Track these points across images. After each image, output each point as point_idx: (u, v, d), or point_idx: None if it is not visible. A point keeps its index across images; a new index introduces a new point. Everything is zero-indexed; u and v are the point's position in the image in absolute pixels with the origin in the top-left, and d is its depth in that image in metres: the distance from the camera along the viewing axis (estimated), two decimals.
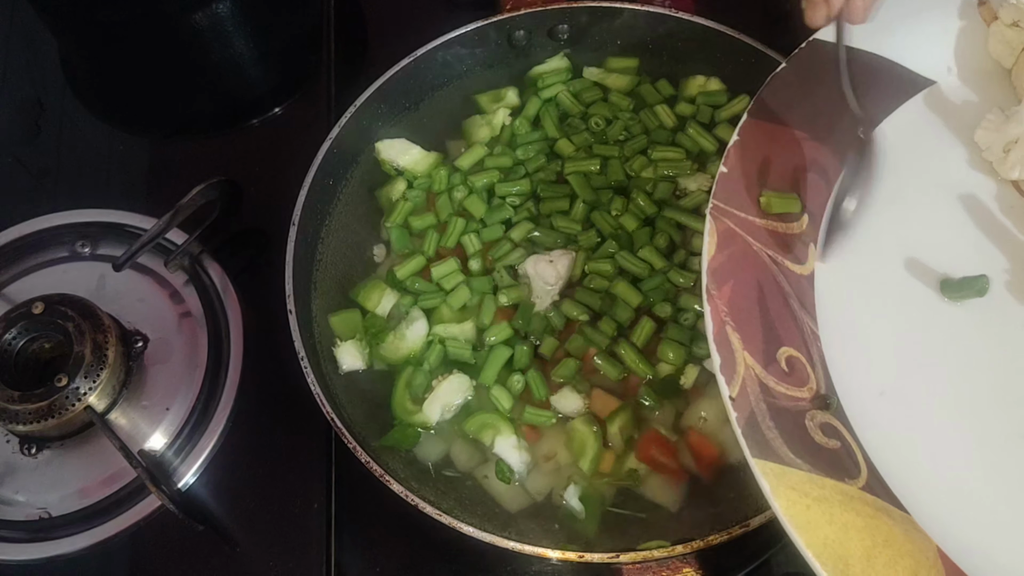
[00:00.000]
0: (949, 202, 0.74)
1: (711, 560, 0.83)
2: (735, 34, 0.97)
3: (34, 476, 0.86)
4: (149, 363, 0.91)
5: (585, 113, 1.01)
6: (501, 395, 0.83)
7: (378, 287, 0.90)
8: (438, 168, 0.98)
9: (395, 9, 1.21)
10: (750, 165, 0.70)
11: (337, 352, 0.87)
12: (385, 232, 0.96)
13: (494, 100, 1.03)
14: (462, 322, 0.88)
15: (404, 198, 0.96)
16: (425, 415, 0.84)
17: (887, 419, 0.63)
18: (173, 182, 1.01)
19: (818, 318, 0.67)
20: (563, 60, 1.05)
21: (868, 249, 0.71)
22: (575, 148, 0.98)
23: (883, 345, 0.67)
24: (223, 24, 1.15)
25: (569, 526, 0.79)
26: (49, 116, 1.14)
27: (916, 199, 0.74)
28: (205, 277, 0.96)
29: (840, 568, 0.53)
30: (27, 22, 1.22)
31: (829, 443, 0.59)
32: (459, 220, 0.93)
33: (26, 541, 0.82)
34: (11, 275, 0.97)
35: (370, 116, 0.98)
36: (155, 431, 0.87)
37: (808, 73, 0.75)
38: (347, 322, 0.89)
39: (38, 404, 0.82)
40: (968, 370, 0.66)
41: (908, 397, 0.64)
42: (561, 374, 0.84)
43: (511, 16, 1.01)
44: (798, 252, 0.69)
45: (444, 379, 0.85)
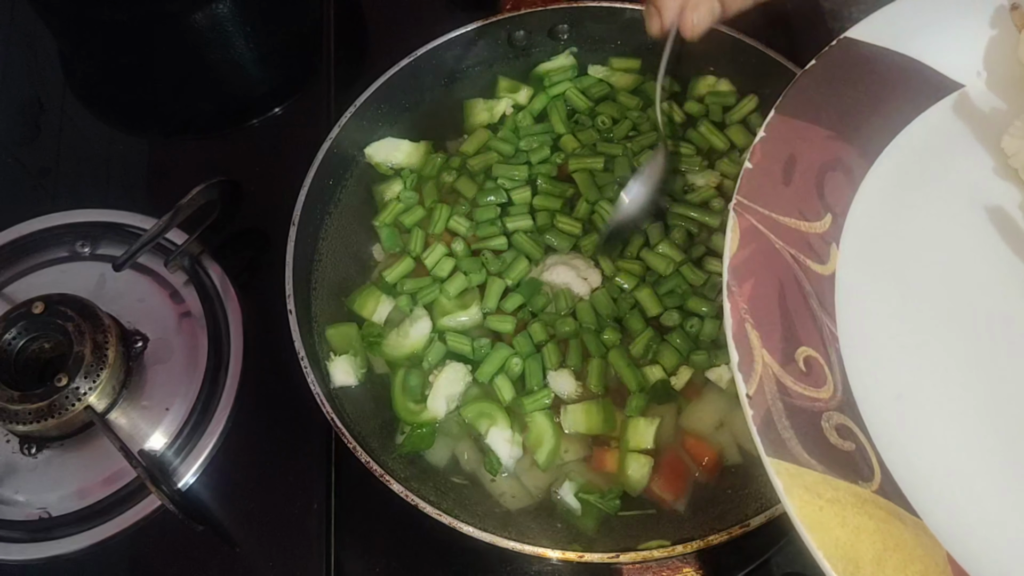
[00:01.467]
0: (973, 207, 0.74)
1: (711, 560, 0.83)
2: (735, 34, 0.97)
3: (34, 476, 0.86)
4: (149, 363, 0.91)
5: (593, 110, 1.01)
6: (503, 385, 0.83)
7: (373, 294, 0.90)
8: (432, 155, 0.99)
9: (395, 9, 1.21)
10: (775, 162, 0.69)
11: (330, 366, 0.86)
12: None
13: (511, 90, 1.03)
14: (467, 307, 0.88)
15: (397, 199, 0.96)
16: (431, 411, 0.84)
17: (903, 422, 0.62)
18: (173, 182, 1.01)
19: (837, 319, 0.67)
20: (569, 58, 1.05)
21: (890, 251, 0.71)
22: (579, 145, 0.98)
23: (902, 349, 0.66)
24: (223, 24, 1.15)
25: (571, 524, 0.79)
26: (49, 116, 1.14)
27: (940, 203, 0.73)
28: (205, 277, 0.96)
29: (850, 570, 0.53)
30: (27, 22, 1.22)
31: (844, 445, 0.59)
32: (443, 207, 0.93)
33: (26, 541, 0.82)
34: (11, 275, 0.97)
35: (370, 116, 0.98)
36: (155, 431, 0.87)
37: (838, 71, 0.75)
38: (343, 336, 0.88)
39: (38, 404, 0.82)
40: (987, 377, 0.65)
41: (925, 402, 0.64)
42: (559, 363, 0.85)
43: (511, 16, 1.01)
44: (820, 251, 0.69)
45: (440, 372, 0.85)
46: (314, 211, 0.92)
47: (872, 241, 0.70)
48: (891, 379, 0.65)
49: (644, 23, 0.78)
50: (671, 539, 0.73)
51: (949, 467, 0.61)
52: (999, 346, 0.67)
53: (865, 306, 0.68)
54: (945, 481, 0.61)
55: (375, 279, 0.93)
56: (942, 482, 0.60)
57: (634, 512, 0.79)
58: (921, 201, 0.73)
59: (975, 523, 0.59)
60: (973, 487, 0.61)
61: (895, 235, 0.71)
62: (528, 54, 1.05)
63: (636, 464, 0.79)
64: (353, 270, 0.94)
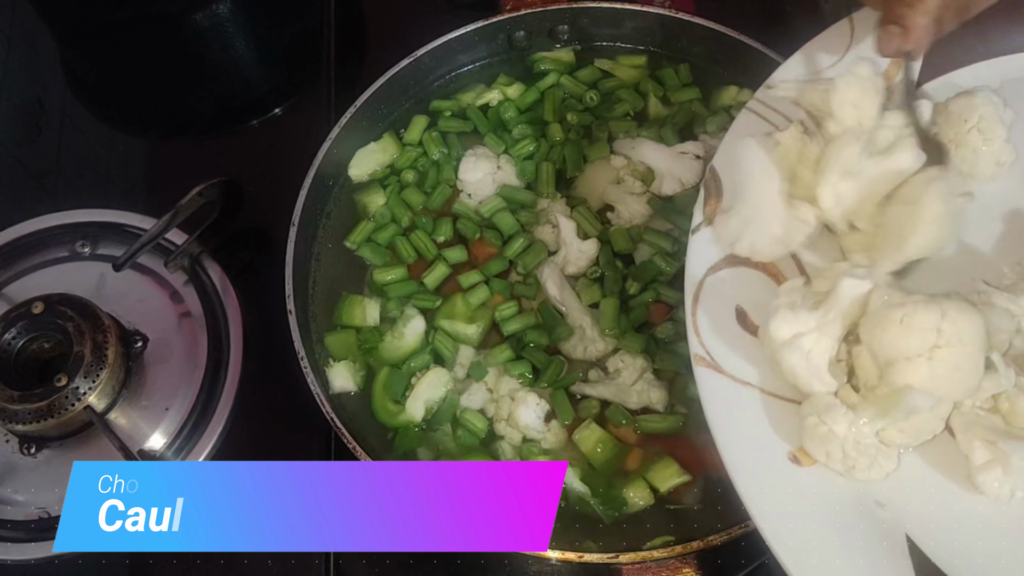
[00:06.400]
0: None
1: (711, 560, 0.83)
2: (735, 34, 0.97)
3: (34, 476, 0.86)
4: (149, 363, 0.91)
5: (585, 94, 1.01)
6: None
7: (357, 302, 0.89)
8: (404, 148, 0.99)
9: (395, 9, 1.21)
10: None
11: (329, 372, 0.86)
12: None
13: (505, 84, 1.03)
14: (475, 322, 0.87)
15: (369, 218, 0.95)
16: (409, 414, 0.83)
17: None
18: (173, 182, 1.01)
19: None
20: (569, 54, 1.05)
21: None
22: (565, 136, 0.98)
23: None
24: (223, 25, 1.15)
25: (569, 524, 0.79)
26: (49, 116, 1.14)
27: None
28: (205, 277, 0.96)
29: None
30: (27, 22, 1.22)
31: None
32: (446, 221, 0.94)
33: (26, 541, 0.82)
34: (11, 275, 0.97)
35: (370, 116, 0.98)
36: (155, 431, 0.87)
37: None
38: (342, 342, 0.87)
39: (38, 404, 0.82)
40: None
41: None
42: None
43: (511, 16, 1.01)
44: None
45: (423, 375, 0.85)
46: (314, 211, 0.92)
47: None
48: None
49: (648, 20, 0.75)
50: (675, 535, 0.73)
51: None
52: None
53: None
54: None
55: (367, 282, 0.92)
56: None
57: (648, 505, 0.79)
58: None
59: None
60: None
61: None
62: (528, 54, 1.05)
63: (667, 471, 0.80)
64: (351, 272, 0.94)
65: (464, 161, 0.96)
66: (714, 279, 0.67)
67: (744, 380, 0.63)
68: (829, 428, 0.59)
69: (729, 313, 0.66)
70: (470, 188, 0.96)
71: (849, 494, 0.60)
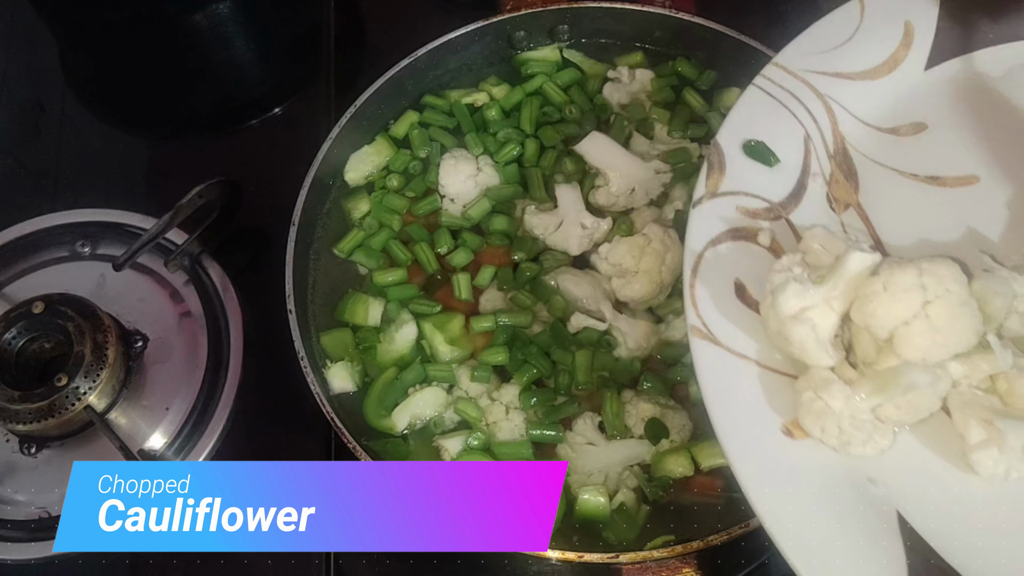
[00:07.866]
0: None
1: (711, 560, 0.83)
2: (735, 34, 0.97)
3: (34, 476, 0.86)
4: (149, 363, 0.91)
5: (566, 107, 1.00)
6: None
7: (362, 300, 0.89)
8: (398, 152, 0.98)
9: (395, 9, 1.21)
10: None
11: (327, 373, 0.85)
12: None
13: (493, 84, 1.03)
14: (458, 346, 0.86)
15: (359, 226, 0.94)
16: (392, 421, 0.83)
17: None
18: (173, 182, 1.01)
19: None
20: (554, 52, 1.04)
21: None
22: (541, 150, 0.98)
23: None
24: (223, 24, 1.15)
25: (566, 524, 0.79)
26: (49, 117, 1.14)
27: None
28: (205, 277, 0.96)
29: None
30: (27, 22, 1.22)
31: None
32: (444, 231, 0.93)
33: (26, 541, 0.82)
34: (11, 275, 0.97)
35: (370, 116, 0.98)
36: (155, 431, 0.87)
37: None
38: (338, 342, 0.87)
39: (38, 404, 0.82)
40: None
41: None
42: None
43: (511, 16, 1.01)
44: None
45: (420, 390, 0.84)
46: (314, 211, 0.92)
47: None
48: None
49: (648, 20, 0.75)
50: (675, 535, 0.74)
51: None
52: None
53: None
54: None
55: (366, 283, 0.92)
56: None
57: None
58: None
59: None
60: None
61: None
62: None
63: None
64: (351, 272, 0.94)
65: (443, 164, 0.95)
66: (714, 252, 0.67)
67: (740, 353, 0.63)
68: (825, 403, 0.59)
69: (728, 286, 0.65)
70: (451, 192, 0.94)
71: (841, 469, 0.59)
